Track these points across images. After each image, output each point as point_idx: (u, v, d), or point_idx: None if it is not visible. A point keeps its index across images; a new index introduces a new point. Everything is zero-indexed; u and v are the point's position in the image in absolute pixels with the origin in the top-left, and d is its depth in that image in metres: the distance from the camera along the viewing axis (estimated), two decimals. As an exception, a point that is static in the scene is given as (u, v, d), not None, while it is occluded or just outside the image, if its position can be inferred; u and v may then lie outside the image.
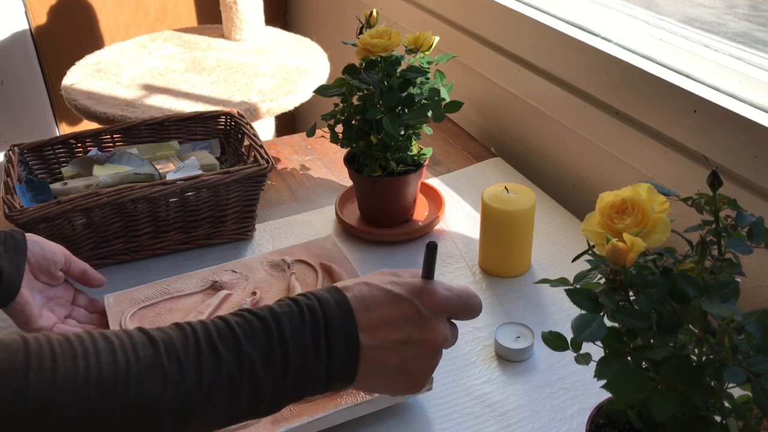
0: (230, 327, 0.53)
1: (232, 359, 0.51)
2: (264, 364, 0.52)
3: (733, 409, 0.49)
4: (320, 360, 0.54)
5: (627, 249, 0.50)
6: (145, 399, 0.48)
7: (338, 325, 0.55)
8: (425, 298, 0.58)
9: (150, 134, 1.12)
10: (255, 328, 0.53)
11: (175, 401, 0.49)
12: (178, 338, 0.51)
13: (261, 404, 0.53)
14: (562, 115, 1.12)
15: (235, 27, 1.78)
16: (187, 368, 0.50)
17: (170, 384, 0.49)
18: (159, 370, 0.49)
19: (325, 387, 0.55)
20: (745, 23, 0.98)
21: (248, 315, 0.54)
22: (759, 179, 0.82)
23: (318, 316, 0.54)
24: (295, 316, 0.54)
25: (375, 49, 0.92)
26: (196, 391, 0.50)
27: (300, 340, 0.53)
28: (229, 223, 1.01)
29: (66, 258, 0.82)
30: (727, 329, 0.46)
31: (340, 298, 0.56)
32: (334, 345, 0.54)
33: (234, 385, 0.51)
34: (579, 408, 0.75)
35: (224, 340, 0.52)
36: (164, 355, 0.49)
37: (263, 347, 0.52)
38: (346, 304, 0.56)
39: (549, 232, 1.04)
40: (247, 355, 0.51)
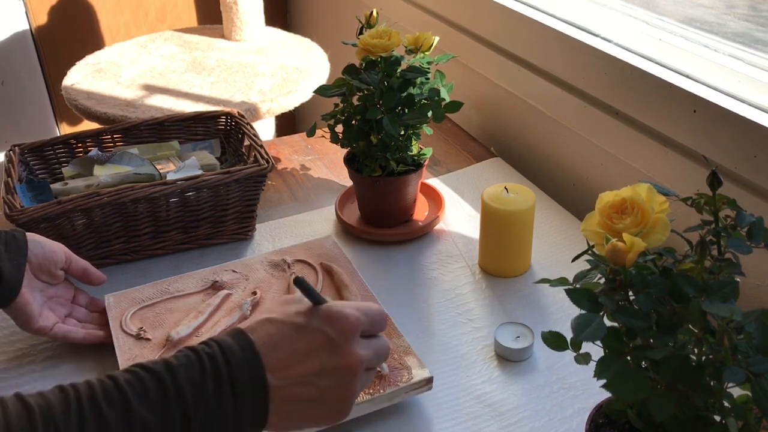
0: (119, 386, 0.49)
1: (121, 424, 0.47)
2: (160, 426, 0.48)
3: (733, 409, 0.50)
4: (225, 413, 0.51)
5: (627, 249, 0.50)
6: None
7: (243, 373, 0.52)
8: (334, 323, 0.56)
9: (150, 134, 1.12)
10: (147, 387, 0.49)
11: None
12: (58, 404, 0.47)
13: None
14: (562, 115, 1.12)
15: (235, 27, 1.78)
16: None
17: None
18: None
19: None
20: (744, 23, 0.98)
21: (140, 371, 0.50)
22: (759, 179, 0.82)
23: (219, 364, 0.52)
24: (195, 367, 0.51)
25: (375, 49, 0.92)
26: None
27: (201, 394, 0.50)
28: (230, 223, 1.01)
29: (66, 257, 0.82)
30: (726, 329, 0.47)
31: (244, 343, 0.54)
32: (240, 394, 0.51)
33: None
34: (579, 408, 0.76)
35: (111, 403, 0.48)
36: (40, 426, 0.45)
37: (158, 407, 0.48)
38: (251, 348, 0.53)
39: (549, 232, 1.04)
40: (140, 418, 0.47)
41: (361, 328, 0.57)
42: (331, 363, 0.55)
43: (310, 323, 0.56)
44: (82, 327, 0.83)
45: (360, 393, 0.59)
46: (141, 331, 0.82)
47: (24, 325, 0.78)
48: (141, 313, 0.85)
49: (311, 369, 0.55)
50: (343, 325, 0.56)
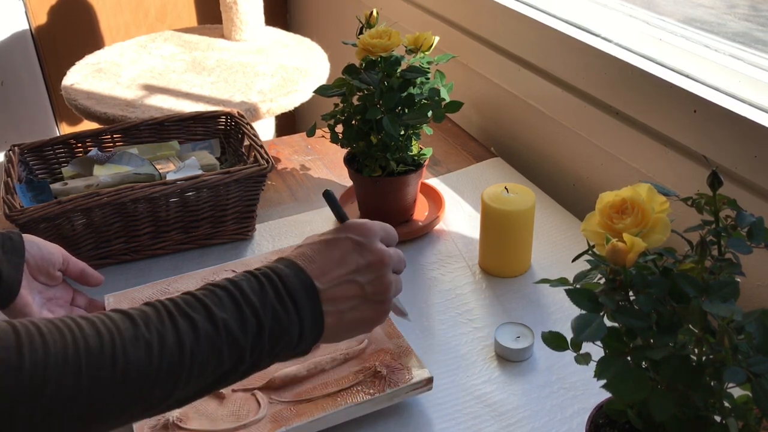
0: (197, 298, 0.55)
1: (207, 323, 0.54)
2: (238, 325, 0.55)
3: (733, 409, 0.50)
4: (288, 312, 0.57)
5: (627, 249, 0.50)
6: (132, 367, 0.50)
7: (293, 281, 0.59)
8: (355, 230, 0.64)
9: (150, 134, 1.12)
10: (220, 296, 0.56)
11: (161, 368, 0.51)
12: (152, 312, 0.53)
13: (241, 365, 0.55)
14: (562, 115, 1.12)
15: (235, 27, 1.78)
16: (167, 336, 0.52)
17: (154, 351, 0.51)
18: (141, 339, 0.51)
19: (299, 339, 0.58)
20: (745, 23, 0.98)
21: (210, 287, 0.57)
22: (759, 179, 0.82)
23: (272, 277, 0.58)
24: (252, 281, 0.58)
25: (375, 49, 0.92)
26: (179, 355, 0.52)
27: (264, 299, 0.57)
28: (229, 223, 1.01)
29: (64, 258, 0.82)
30: (727, 329, 0.46)
31: (285, 262, 0.61)
32: (296, 296, 0.58)
33: (214, 347, 0.53)
34: (579, 408, 0.75)
35: (195, 309, 0.54)
36: (143, 327, 0.52)
37: (233, 310, 0.55)
38: (292, 263, 0.61)
39: (549, 232, 1.04)
40: (221, 319, 0.54)
41: (380, 232, 0.66)
42: (363, 260, 0.63)
43: (336, 236, 0.64)
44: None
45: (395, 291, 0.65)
46: (141, 331, 0.82)
47: None
48: (141, 313, 0.85)
49: (349, 269, 0.62)
50: (364, 229, 0.65)
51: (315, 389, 0.74)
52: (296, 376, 0.75)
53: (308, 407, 0.72)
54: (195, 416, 0.71)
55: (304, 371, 0.76)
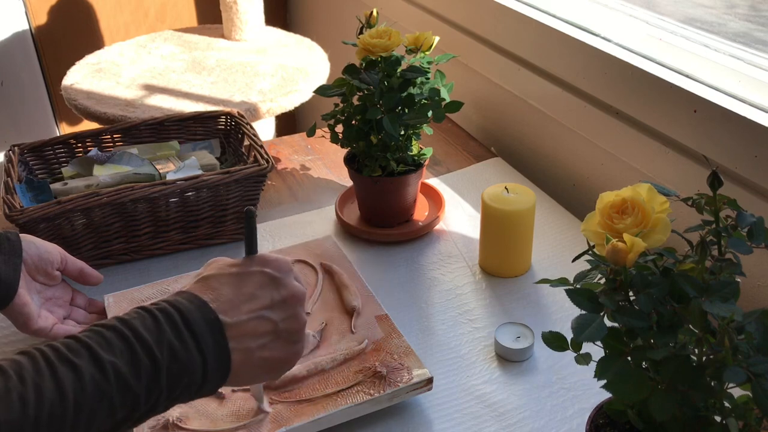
0: (80, 341, 0.50)
1: (92, 368, 0.49)
2: (129, 367, 0.50)
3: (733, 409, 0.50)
4: (189, 350, 0.52)
5: (627, 249, 0.50)
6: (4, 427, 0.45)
7: (195, 315, 0.54)
8: (271, 264, 0.60)
9: (150, 134, 1.12)
10: (107, 337, 0.51)
11: (40, 423, 0.46)
12: (26, 361, 0.48)
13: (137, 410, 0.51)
14: (562, 115, 1.12)
15: (235, 27, 1.78)
16: (44, 386, 0.47)
17: (29, 405, 0.46)
18: (13, 392, 0.46)
19: (202, 380, 0.54)
20: (745, 23, 0.98)
21: (95, 328, 0.52)
22: (759, 179, 0.82)
23: (169, 312, 0.54)
24: (147, 318, 0.53)
25: (375, 49, 0.92)
26: (61, 406, 0.47)
27: (160, 336, 0.52)
28: (229, 223, 1.01)
29: (62, 257, 0.82)
30: (727, 329, 0.46)
31: (186, 295, 0.56)
32: (198, 331, 0.53)
33: (102, 393, 0.49)
34: (579, 408, 0.75)
35: (77, 354, 0.49)
36: (15, 379, 0.47)
37: (123, 351, 0.50)
38: (194, 296, 0.56)
39: (549, 232, 1.04)
40: (108, 362, 0.49)
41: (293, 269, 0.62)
42: (278, 296, 0.59)
43: (249, 269, 0.60)
44: (81, 328, 0.83)
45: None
46: (141, 332, 0.82)
47: (23, 327, 0.78)
48: (141, 313, 0.85)
49: (262, 304, 0.58)
50: (280, 264, 0.61)
51: (315, 389, 0.74)
52: (296, 376, 0.75)
53: (308, 407, 0.72)
54: (195, 416, 0.71)
55: (304, 371, 0.76)
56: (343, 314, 0.84)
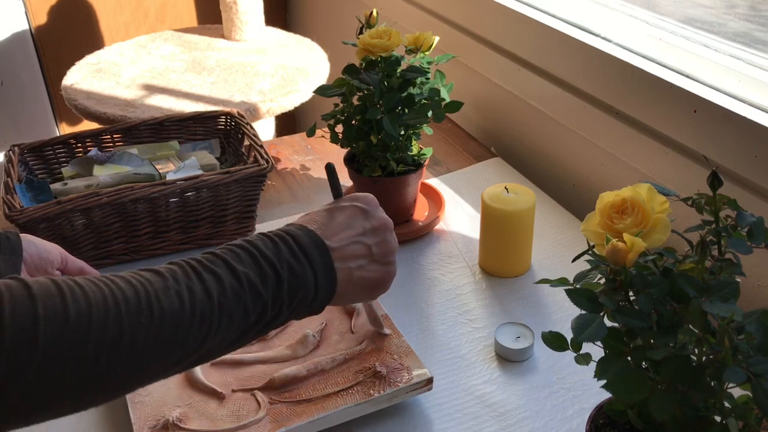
0: (217, 255, 0.58)
1: (230, 277, 0.56)
2: (259, 278, 0.58)
3: (733, 409, 0.50)
4: (303, 266, 0.60)
5: (627, 249, 0.50)
6: (167, 313, 0.52)
7: (305, 239, 0.62)
8: (360, 199, 0.69)
9: (150, 134, 1.12)
10: (239, 254, 0.59)
11: (194, 314, 0.53)
12: (177, 269, 0.56)
13: (264, 316, 0.58)
14: (562, 115, 1.12)
15: (235, 27, 1.78)
16: (194, 288, 0.54)
17: (184, 299, 0.53)
18: (171, 289, 0.54)
19: (314, 294, 0.61)
20: (745, 23, 0.98)
21: (228, 245, 0.60)
22: (759, 179, 0.82)
23: (285, 237, 0.62)
24: (266, 240, 0.61)
25: (375, 49, 0.92)
26: (209, 304, 0.54)
27: (279, 255, 0.60)
28: (229, 223, 1.01)
29: (62, 256, 0.82)
30: (727, 329, 0.46)
31: (295, 225, 0.64)
32: (309, 253, 0.61)
33: (239, 298, 0.56)
34: (579, 408, 0.75)
35: (217, 265, 0.57)
36: (171, 279, 0.54)
37: (252, 265, 0.58)
38: (302, 226, 0.64)
39: (549, 232, 1.03)
40: (243, 273, 0.57)
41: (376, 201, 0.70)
42: (369, 224, 0.67)
43: (341, 204, 0.68)
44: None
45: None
46: (141, 332, 0.82)
47: None
48: (141, 313, 0.85)
49: (357, 231, 0.66)
50: (367, 198, 0.69)
51: (315, 389, 0.74)
52: (296, 376, 0.75)
53: (308, 407, 0.72)
54: (195, 416, 0.71)
55: (304, 371, 0.76)
56: (343, 314, 0.84)
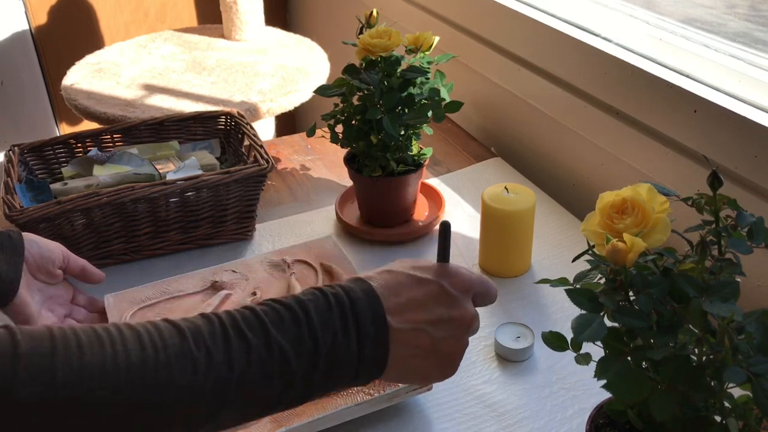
0: (257, 315, 0.53)
1: (262, 346, 0.51)
2: (294, 351, 0.52)
3: (733, 409, 0.50)
4: (350, 343, 0.53)
5: (627, 249, 0.50)
6: (176, 386, 0.48)
7: (365, 309, 0.55)
8: (450, 278, 0.59)
9: (150, 134, 1.12)
10: (282, 316, 0.53)
11: (206, 388, 0.49)
12: (205, 326, 0.51)
13: (291, 392, 0.52)
14: (562, 115, 1.12)
15: (235, 27, 1.78)
16: (217, 355, 0.49)
17: (200, 371, 0.48)
18: (188, 356, 0.48)
19: (356, 373, 0.54)
20: (745, 23, 0.98)
21: (274, 304, 0.54)
22: (759, 179, 0.82)
23: (344, 301, 0.55)
24: (321, 302, 0.54)
25: (375, 49, 0.92)
26: (227, 378, 0.49)
27: (328, 325, 0.53)
28: (229, 223, 1.01)
29: (64, 255, 0.82)
30: (727, 329, 0.46)
31: (364, 286, 0.56)
32: (363, 327, 0.54)
33: (265, 373, 0.51)
34: (579, 408, 0.75)
35: (252, 328, 0.52)
36: (192, 342, 0.49)
37: (292, 334, 0.52)
38: (371, 290, 0.56)
39: (549, 232, 1.03)
40: (276, 342, 0.51)
41: (475, 289, 0.60)
42: (447, 314, 0.58)
43: (427, 276, 0.58)
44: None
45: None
46: (141, 332, 0.82)
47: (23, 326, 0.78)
48: (141, 313, 0.85)
49: (428, 317, 0.57)
50: (460, 280, 0.59)
51: (315, 389, 0.74)
52: (296, 376, 0.75)
53: (308, 407, 0.72)
54: (195, 416, 0.71)
55: (304, 371, 0.75)
56: (343, 314, 0.84)
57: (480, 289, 0.61)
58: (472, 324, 0.60)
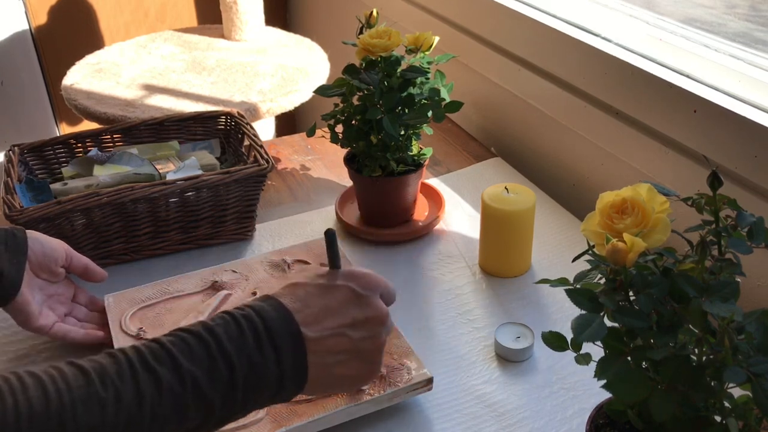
0: (164, 347, 0.52)
1: (172, 377, 0.50)
2: (208, 379, 0.51)
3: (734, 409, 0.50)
4: (267, 362, 0.53)
5: (627, 249, 0.50)
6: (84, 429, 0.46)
7: (279, 325, 0.54)
8: (358, 280, 0.60)
9: (150, 134, 1.12)
10: (191, 345, 0.52)
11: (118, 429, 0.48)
12: (111, 365, 0.50)
13: (211, 418, 0.52)
14: (562, 115, 1.12)
15: (235, 27, 1.78)
16: (125, 394, 0.48)
17: (109, 411, 0.47)
18: (94, 398, 0.47)
19: (277, 390, 0.54)
20: (745, 23, 0.98)
21: (181, 333, 0.53)
22: (759, 179, 0.82)
23: (255, 321, 0.54)
24: (231, 326, 0.54)
25: (375, 49, 0.92)
26: (139, 414, 0.48)
27: (242, 348, 0.53)
28: (229, 223, 1.01)
29: (67, 254, 0.82)
30: (727, 329, 0.46)
31: (274, 303, 0.56)
32: (279, 344, 0.54)
33: (178, 403, 0.50)
34: (579, 408, 0.75)
35: (160, 360, 0.51)
36: (98, 383, 0.48)
37: (204, 362, 0.51)
38: (281, 306, 0.56)
39: (549, 232, 1.03)
40: (188, 371, 0.51)
41: (381, 288, 0.61)
42: (361, 314, 0.58)
43: (335, 282, 0.59)
44: (81, 326, 0.83)
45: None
46: (141, 332, 0.82)
47: (23, 324, 0.78)
48: (141, 313, 0.85)
49: (343, 321, 0.57)
50: (368, 280, 0.60)
51: (315, 389, 0.74)
52: (296, 376, 0.75)
53: (308, 407, 0.72)
54: (195, 416, 0.71)
55: (304, 371, 0.75)
56: (343, 314, 0.84)
57: (384, 289, 0.61)
58: (386, 321, 0.60)
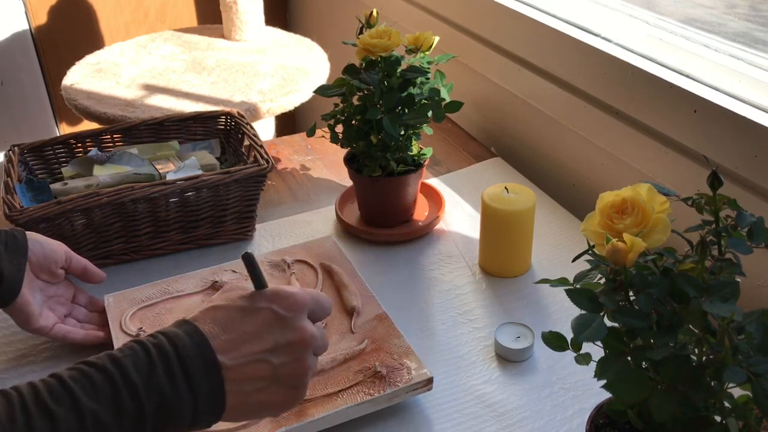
0: (63, 383, 0.48)
1: (71, 417, 0.47)
2: (113, 416, 0.48)
3: (733, 409, 0.50)
4: (180, 396, 0.50)
5: (627, 249, 0.50)
6: None
7: (193, 354, 0.52)
8: (281, 301, 0.57)
9: (150, 134, 1.12)
10: (94, 380, 0.49)
11: None
12: (2, 408, 0.46)
13: None
14: (562, 115, 1.12)
15: (235, 27, 1.78)
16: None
17: None
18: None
19: (192, 420, 0.52)
20: (745, 23, 0.98)
21: (84, 367, 0.50)
22: (759, 179, 0.82)
23: (167, 350, 0.51)
24: (140, 356, 0.51)
25: (375, 49, 0.92)
26: None
27: (151, 379, 0.50)
28: (229, 223, 1.01)
29: (67, 255, 0.82)
30: (727, 329, 0.46)
31: (189, 329, 0.54)
32: (193, 376, 0.51)
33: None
34: (579, 408, 0.75)
35: (58, 400, 0.47)
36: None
37: (108, 398, 0.48)
38: (197, 332, 0.53)
39: (549, 232, 1.03)
40: (89, 411, 0.47)
41: (308, 306, 0.58)
42: (283, 338, 0.55)
43: (257, 304, 0.56)
44: (81, 327, 0.83)
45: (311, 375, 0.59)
46: (141, 332, 0.82)
47: (24, 325, 0.78)
48: (141, 313, 0.85)
49: (264, 346, 0.55)
50: (291, 301, 0.57)
51: (315, 389, 0.74)
52: (296, 376, 0.75)
53: (308, 407, 0.72)
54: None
55: (304, 371, 0.75)
56: (343, 314, 0.84)
57: (312, 304, 0.58)
58: (312, 343, 0.57)
